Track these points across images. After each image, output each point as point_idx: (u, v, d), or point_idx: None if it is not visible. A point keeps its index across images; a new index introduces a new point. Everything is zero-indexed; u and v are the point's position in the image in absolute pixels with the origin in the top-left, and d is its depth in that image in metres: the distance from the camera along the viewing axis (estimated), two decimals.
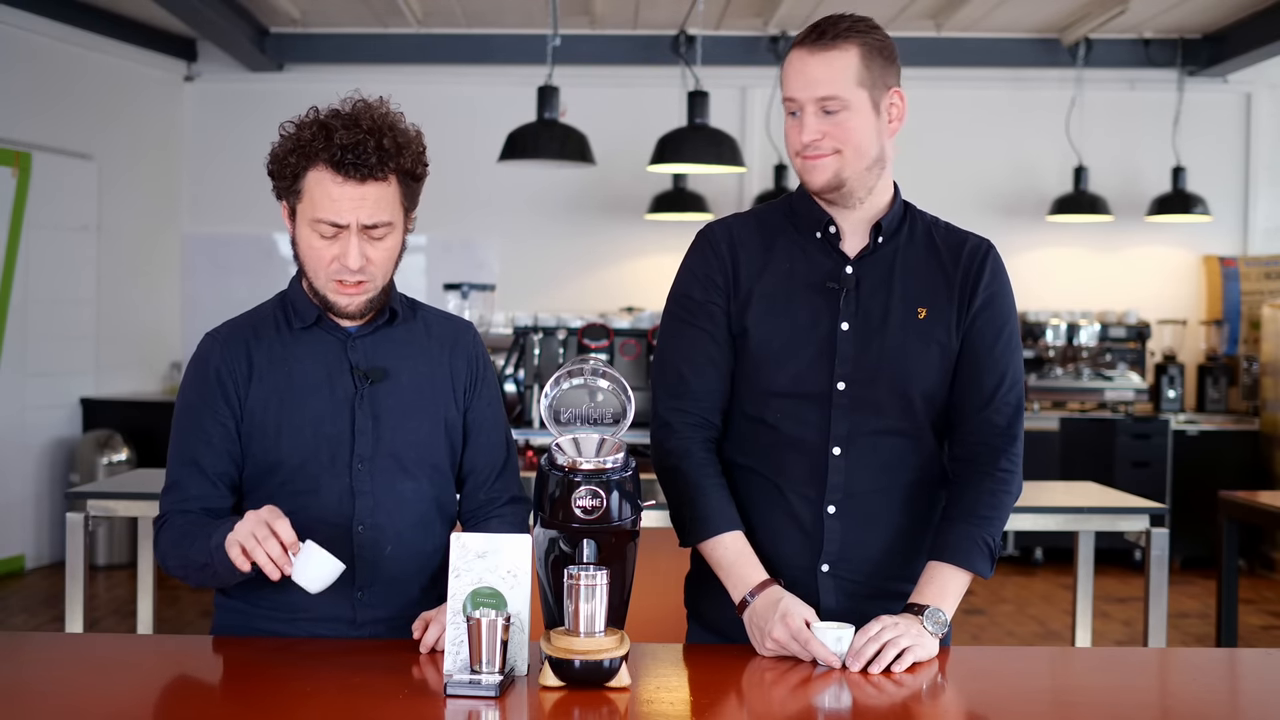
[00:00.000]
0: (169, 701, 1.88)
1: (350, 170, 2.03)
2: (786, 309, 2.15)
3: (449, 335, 2.25)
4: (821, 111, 2.08)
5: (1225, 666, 2.33)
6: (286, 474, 2.14)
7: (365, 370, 2.16)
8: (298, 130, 2.08)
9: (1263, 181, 8.47)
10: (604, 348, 4.85)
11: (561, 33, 6.45)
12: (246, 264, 8.37)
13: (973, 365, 2.16)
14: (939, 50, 8.05)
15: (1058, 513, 3.88)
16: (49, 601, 6.42)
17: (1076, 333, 7.92)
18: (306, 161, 2.05)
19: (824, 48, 2.07)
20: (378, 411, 2.16)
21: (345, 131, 2.04)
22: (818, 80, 2.07)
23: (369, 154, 2.03)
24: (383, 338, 2.20)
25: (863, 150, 2.10)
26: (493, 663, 1.82)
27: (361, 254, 2.07)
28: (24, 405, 7.25)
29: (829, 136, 2.08)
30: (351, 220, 2.06)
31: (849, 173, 2.11)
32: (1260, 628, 6.29)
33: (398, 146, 2.07)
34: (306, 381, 2.15)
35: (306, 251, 2.11)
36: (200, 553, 2.03)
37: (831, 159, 2.09)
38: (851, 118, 2.08)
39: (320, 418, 2.14)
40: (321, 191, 2.05)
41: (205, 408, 2.14)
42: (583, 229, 8.45)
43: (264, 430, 2.14)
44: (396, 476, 2.16)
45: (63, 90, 7.48)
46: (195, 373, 2.17)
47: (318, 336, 2.18)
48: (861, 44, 2.09)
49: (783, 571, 2.14)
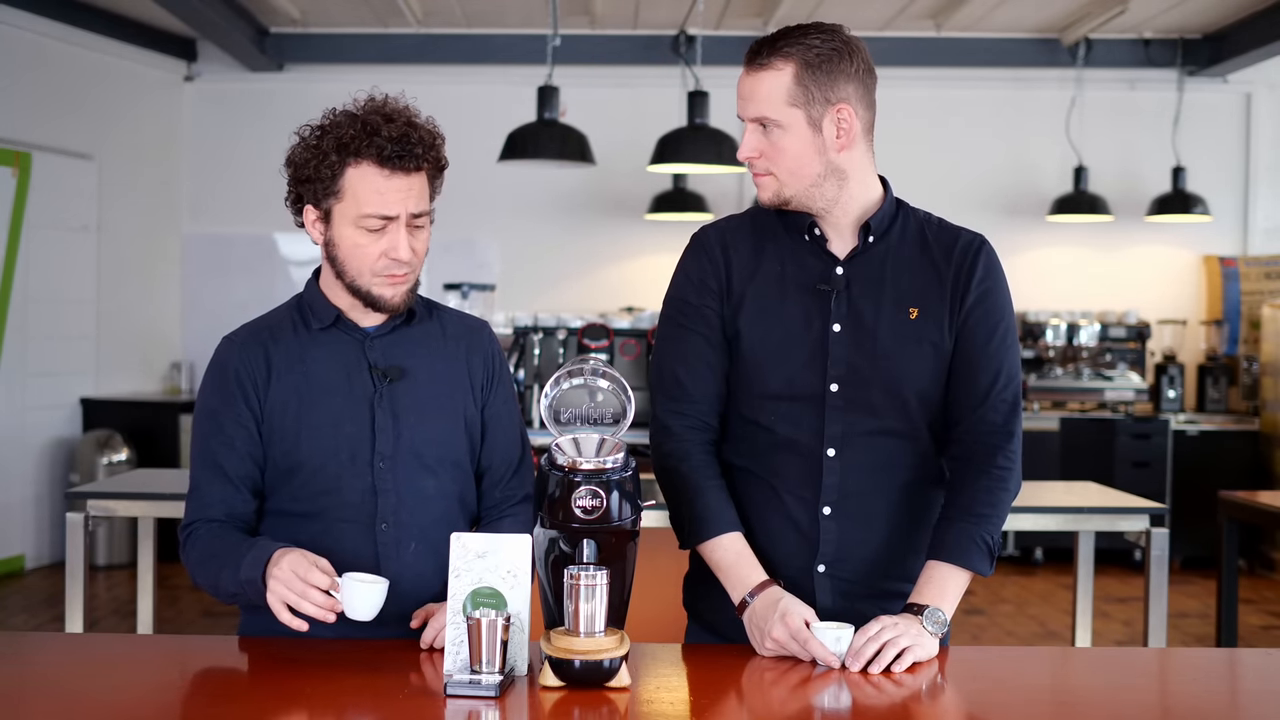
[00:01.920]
0: (169, 702, 1.88)
1: (397, 163, 2.08)
2: (778, 312, 2.15)
3: (465, 334, 2.27)
4: (760, 127, 2.10)
5: (1225, 666, 2.33)
6: (308, 474, 2.15)
7: (384, 369, 2.17)
8: (333, 130, 2.10)
9: (1263, 181, 8.47)
10: (604, 348, 4.85)
11: (561, 33, 6.45)
12: (246, 264, 8.37)
13: (968, 363, 2.15)
14: (939, 50, 8.05)
15: (1058, 513, 3.88)
16: (49, 601, 6.42)
17: (1076, 333, 7.92)
18: (351, 158, 2.08)
19: (758, 67, 2.09)
20: (397, 410, 2.17)
21: (390, 125, 2.08)
22: (749, 99, 2.10)
23: (414, 145, 2.09)
24: (400, 337, 2.21)
25: (798, 171, 2.10)
26: (493, 663, 1.82)
27: (408, 245, 2.11)
28: (24, 405, 7.24)
29: (764, 156, 2.10)
30: (401, 211, 2.09)
31: (790, 192, 2.12)
32: (1260, 628, 6.29)
33: (431, 137, 2.13)
34: (325, 382, 2.17)
35: (350, 250, 2.12)
36: (230, 583, 2.06)
37: (768, 179, 2.12)
38: (784, 137, 2.08)
39: (340, 417, 2.15)
40: (367, 186, 2.08)
41: (226, 411, 2.16)
42: (583, 229, 8.45)
43: (284, 432, 2.15)
44: (418, 474, 2.17)
45: (63, 90, 7.48)
46: (214, 377, 2.19)
47: (335, 337, 2.19)
48: (799, 60, 2.06)
49: (780, 572, 2.14)
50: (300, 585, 1.95)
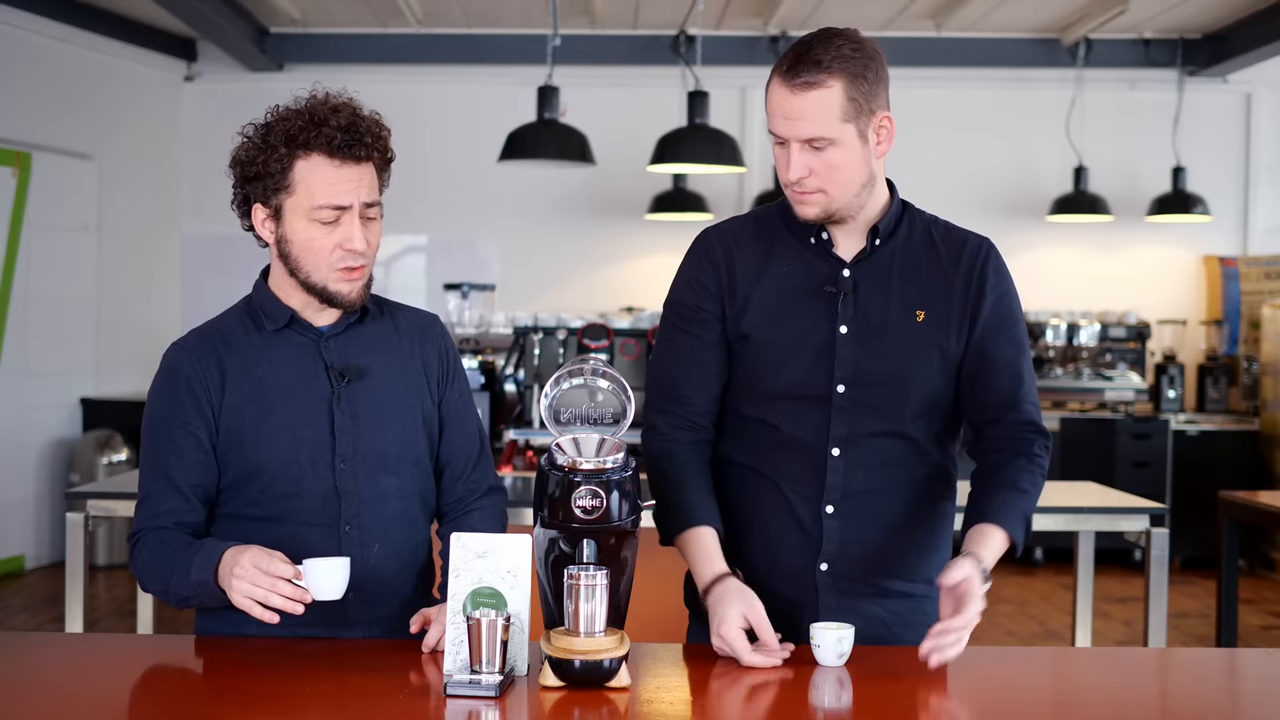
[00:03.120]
0: (169, 701, 1.88)
1: (347, 152, 2.07)
2: (785, 314, 2.15)
3: (416, 329, 2.26)
4: (809, 148, 2.05)
5: (1225, 666, 2.33)
6: (267, 479, 2.12)
7: (341, 369, 2.16)
8: (280, 124, 2.09)
9: (1263, 181, 8.47)
10: (604, 348, 4.85)
11: (561, 33, 6.45)
12: (246, 264, 8.19)
13: (994, 369, 2.15)
14: (939, 50, 8.05)
15: (1058, 513, 3.88)
16: (49, 601, 6.42)
17: (1076, 333, 7.92)
18: (301, 150, 2.07)
19: (805, 87, 2.02)
20: (356, 410, 2.15)
21: (336, 116, 2.08)
22: (800, 121, 2.03)
23: (363, 134, 2.08)
24: (355, 335, 2.20)
25: (849, 184, 2.08)
26: (493, 663, 1.82)
27: (363, 235, 2.10)
28: (24, 405, 7.24)
29: (815, 174, 2.06)
30: (354, 201, 2.08)
31: (837, 205, 2.10)
32: (1260, 628, 6.29)
33: (377, 128, 2.12)
34: (281, 385, 2.14)
35: (304, 246, 2.11)
36: (181, 586, 2.05)
37: (818, 195, 2.08)
38: (838, 153, 2.05)
39: (298, 420, 2.13)
40: (319, 178, 2.07)
41: (176, 419, 2.13)
42: (583, 229, 8.45)
43: (241, 437, 2.12)
44: (379, 474, 2.16)
45: (63, 90, 7.48)
46: (164, 384, 2.15)
47: (289, 339, 2.17)
48: (845, 75, 2.02)
49: (782, 570, 2.15)
50: (267, 580, 1.95)
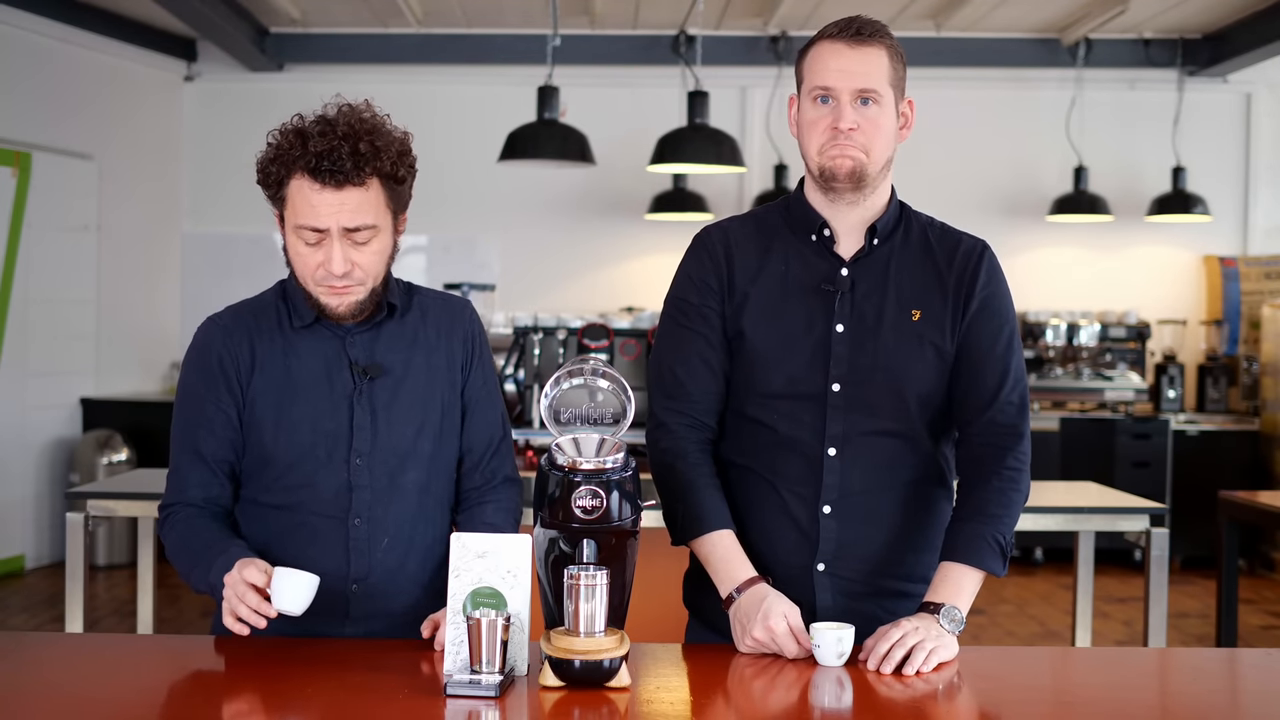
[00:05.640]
0: (169, 701, 1.88)
1: (326, 177, 2.04)
2: (782, 312, 2.16)
3: (446, 318, 2.27)
4: (858, 102, 2.10)
5: (1225, 666, 2.33)
6: (282, 469, 2.16)
7: (364, 366, 2.18)
8: (279, 139, 2.10)
9: (1263, 181, 8.47)
10: (604, 348, 4.85)
11: (561, 33, 6.45)
12: (246, 264, 8.36)
13: (974, 366, 2.17)
14: (939, 50, 8.05)
15: (1058, 513, 3.88)
16: (49, 601, 6.42)
17: (1076, 333, 7.92)
18: (286, 170, 2.07)
19: (862, 43, 2.10)
20: (376, 406, 2.17)
21: (320, 139, 2.04)
22: (857, 73, 2.09)
23: (343, 160, 2.04)
24: (381, 332, 2.21)
25: (885, 148, 2.13)
26: (493, 663, 1.82)
27: (346, 258, 2.09)
28: (24, 405, 7.24)
29: (861, 130, 2.10)
30: (332, 225, 2.07)
31: (870, 169, 2.13)
32: (1260, 628, 6.29)
33: (375, 150, 2.07)
34: (305, 378, 2.17)
35: (294, 257, 2.13)
36: (200, 582, 2.10)
37: (859, 152, 2.11)
38: (881, 114, 2.11)
39: (318, 414, 2.16)
40: (301, 199, 2.07)
41: (208, 393, 2.17)
42: (583, 229, 8.45)
43: (262, 425, 2.16)
44: (395, 470, 2.18)
45: (63, 90, 7.48)
46: (197, 357, 2.20)
47: (317, 333, 2.20)
48: (889, 48, 2.12)
49: (779, 570, 2.15)
50: (242, 588, 1.97)
